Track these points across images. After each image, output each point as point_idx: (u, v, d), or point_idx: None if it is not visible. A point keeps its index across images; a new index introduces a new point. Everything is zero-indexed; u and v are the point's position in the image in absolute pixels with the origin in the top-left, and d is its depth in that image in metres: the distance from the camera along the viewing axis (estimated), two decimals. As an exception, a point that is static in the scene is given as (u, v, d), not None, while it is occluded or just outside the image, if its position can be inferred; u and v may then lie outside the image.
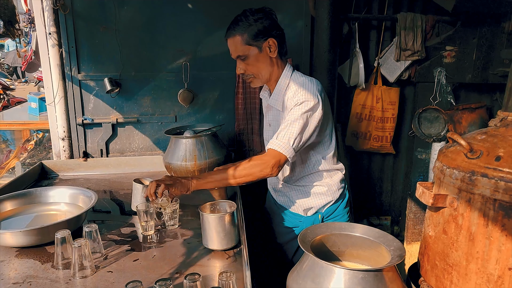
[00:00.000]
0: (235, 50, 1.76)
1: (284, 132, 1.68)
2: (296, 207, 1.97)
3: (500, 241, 1.15)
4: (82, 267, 1.36)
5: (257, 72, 1.80)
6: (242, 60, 1.78)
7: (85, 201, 1.83)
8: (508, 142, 1.20)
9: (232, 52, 1.79)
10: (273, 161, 1.67)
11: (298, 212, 1.97)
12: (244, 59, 1.76)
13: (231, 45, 1.77)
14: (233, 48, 1.77)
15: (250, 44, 1.73)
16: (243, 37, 1.72)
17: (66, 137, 2.66)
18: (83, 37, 2.57)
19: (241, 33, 1.72)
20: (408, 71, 2.85)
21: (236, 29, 1.73)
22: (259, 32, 1.72)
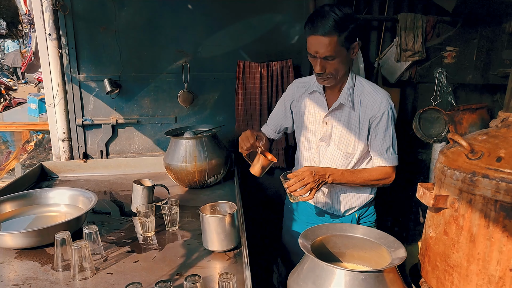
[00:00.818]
0: (327, 49, 1.64)
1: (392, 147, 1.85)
2: (338, 207, 1.97)
3: (501, 242, 1.14)
4: (82, 269, 1.36)
5: (336, 72, 1.74)
6: (327, 60, 1.69)
7: (85, 203, 1.83)
8: (509, 143, 1.20)
9: (322, 50, 1.65)
10: (394, 175, 1.87)
11: (337, 213, 1.98)
12: (332, 59, 1.69)
13: (323, 44, 1.63)
14: (324, 47, 1.64)
15: (343, 45, 1.66)
16: (340, 38, 1.63)
17: (66, 138, 2.66)
18: (83, 38, 2.56)
19: (339, 33, 1.62)
20: (408, 71, 2.84)
21: (334, 27, 1.61)
22: (352, 34, 1.68)
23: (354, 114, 1.82)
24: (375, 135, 1.83)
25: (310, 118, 1.95)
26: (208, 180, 2.28)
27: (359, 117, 1.82)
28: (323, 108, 1.89)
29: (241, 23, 2.69)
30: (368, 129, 1.83)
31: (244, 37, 2.72)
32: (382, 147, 1.83)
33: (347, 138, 1.85)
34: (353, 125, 1.83)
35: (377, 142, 1.83)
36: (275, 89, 2.75)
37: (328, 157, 1.91)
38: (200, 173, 2.22)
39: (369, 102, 1.81)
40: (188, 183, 2.27)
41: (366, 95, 1.82)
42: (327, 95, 1.90)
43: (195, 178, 2.23)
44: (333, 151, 1.88)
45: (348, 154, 1.87)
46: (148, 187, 1.93)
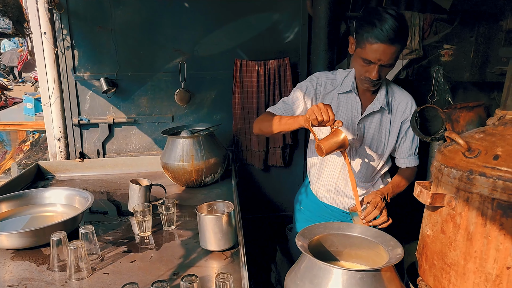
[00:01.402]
0: (391, 58, 1.66)
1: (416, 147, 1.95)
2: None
3: (498, 240, 1.14)
4: (78, 269, 1.35)
5: (384, 78, 1.79)
6: (385, 67, 1.70)
7: (82, 202, 1.82)
8: (506, 141, 1.19)
9: (386, 59, 1.66)
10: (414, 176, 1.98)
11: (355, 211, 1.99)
12: (390, 67, 1.72)
13: (390, 52, 1.64)
14: (389, 56, 1.65)
15: (401, 52, 1.70)
16: (402, 48, 1.68)
17: (62, 137, 2.65)
18: (79, 36, 2.55)
19: (403, 45, 1.67)
20: (406, 70, 2.84)
21: (402, 40, 1.65)
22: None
23: (387, 116, 1.86)
24: (405, 137, 1.90)
25: (341, 118, 1.88)
26: (205, 179, 2.27)
27: (391, 119, 1.87)
28: (357, 109, 1.87)
29: (238, 21, 2.68)
30: (399, 131, 1.89)
31: (241, 35, 2.71)
32: (412, 148, 1.93)
33: (378, 140, 1.89)
34: (385, 127, 1.88)
35: (407, 144, 1.92)
36: (272, 87, 2.74)
37: (359, 158, 1.92)
38: (197, 172, 2.21)
39: (400, 105, 1.87)
40: (185, 182, 2.27)
41: (397, 97, 1.88)
42: (361, 96, 1.88)
43: (192, 177, 2.22)
44: (364, 153, 1.90)
45: (378, 156, 1.91)
46: (145, 186, 1.92)
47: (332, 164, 1.96)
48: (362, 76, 1.74)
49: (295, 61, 2.79)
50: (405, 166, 1.97)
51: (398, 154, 1.96)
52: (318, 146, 1.58)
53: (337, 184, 1.96)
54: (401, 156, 1.96)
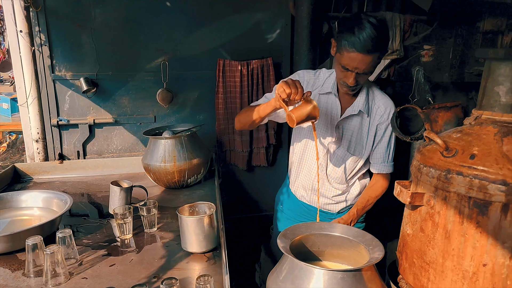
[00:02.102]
0: (368, 66, 1.64)
1: (391, 153, 1.94)
2: (332, 206, 1.99)
3: (474, 238, 1.16)
4: (55, 275, 1.32)
5: (362, 83, 1.78)
6: (362, 75, 1.69)
7: (60, 205, 1.78)
8: (482, 140, 1.21)
9: (363, 67, 1.64)
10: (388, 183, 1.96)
11: (331, 211, 2.01)
12: (367, 74, 1.70)
13: (366, 62, 1.62)
14: (366, 64, 1.63)
15: (379, 60, 1.68)
16: (381, 56, 1.66)
17: (40, 138, 2.59)
18: (57, 35, 2.50)
19: (382, 53, 1.65)
20: (387, 70, 2.87)
21: (379, 48, 1.62)
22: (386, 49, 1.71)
23: (366, 120, 1.86)
24: (380, 140, 1.88)
25: (322, 120, 1.89)
26: (188, 180, 2.25)
27: (369, 123, 1.86)
28: (336, 111, 1.87)
29: (221, 21, 2.67)
30: (375, 135, 1.88)
31: (224, 35, 2.70)
32: (386, 154, 1.91)
33: (357, 143, 1.88)
34: (364, 130, 1.87)
35: (381, 149, 1.90)
36: (256, 87, 2.73)
37: (336, 160, 1.91)
38: (179, 173, 2.19)
39: (379, 109, 1.86)
40: (167, 184, 2.24)
41: (377, 101, 1.87)
42: (340, 97, 1.87)
43: (175, 178, 2.20)
44: (342, 155, 1.89)
45: (356, 158, 1.90)
46: (126, 188, 1.90)
47: (310, 163, 1.96)
48: (341, 80, 1.75)
49: (278, 61, 2.79)
50: (377, 171, 1.95)
51: (372, 159, 1.94)
52: (288, 116, 1.56)
53: (314, 183, 1.96)
54: (374, 162, 1.94)
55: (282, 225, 2.15)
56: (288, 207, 2.11)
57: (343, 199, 1.98)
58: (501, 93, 1.24)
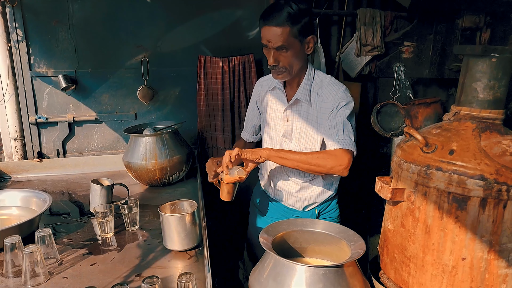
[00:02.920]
0: (279, 39, 1.65)
1: (342, 130, 1.71)
2: (296, 203, 1.97)
3: (454, 233, 1.18)
4: (34, 275, 1.30)
5: (291, 66, 1.74)
6: (280, 52, 1.69)
7: (39, 204, 1.75)
8: (460, 135, 1.23)
9: (274, 41, 1.66)
10: (347, 160, 1.66)
11: (296, 208, 1.98)
12: (285, 51, 1.69)
13: (275, 34, 1.65)
14: (276, 37, 1.65)
15: (296, 37, 1.67)
16: (292, 29, 1.65)
17: (18, 137, 2.53)
18: (34, 31, 2.44)
19: (291, 25, 1.64)
20: (368, 66, 2.89)
21: (287, 19, 1.64)
22: (306, 28, 1.69)
23: (312, 109, 1.82)
24: (328, 124, 1.78)
25: (272, 114, 1.95)
26: (170, 177, 2.23)
27: (317, 111, 1.82)
28: (283, 104, 1.89)
29: (202, 17, 2.65)
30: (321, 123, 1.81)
31: (204, 31, 2.68)
32: (332, 131, 1.74)
33: (306, 133, 1.85)
34: (312, 120, 1.83)
35: (328, 129, 1.77)
36: (237, 84, 2.72)
37: None
38: (161, 171, 2.17)
39: (325, 96, 1.80)
40: (149, 181, 2.22)
41: (324, 89, 1.81)
42: (286, 91, 1.90)
43: (156, 176, 2.18)
44: (294, 147, 1.88)
45: (309, 149, 1.85)
46: (107, 186, 1.87)
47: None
48: (268, 65, 1.78)
49: (260, 57, 2.78)
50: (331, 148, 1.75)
51: (325, 141, 1.80)
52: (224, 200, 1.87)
53: (276, 179, 1.98)
54: (326, 141, 1.79)
55: (251, 219, 2.21)
56: (260, 202, 2.13)
57: (306, 196, 1.95)
58: (479, 89, 1.26)
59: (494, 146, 1.18)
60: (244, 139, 2.17)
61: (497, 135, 1.22)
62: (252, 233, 2.17)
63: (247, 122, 2.15)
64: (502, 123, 1.28)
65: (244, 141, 2.17)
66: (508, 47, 1.24)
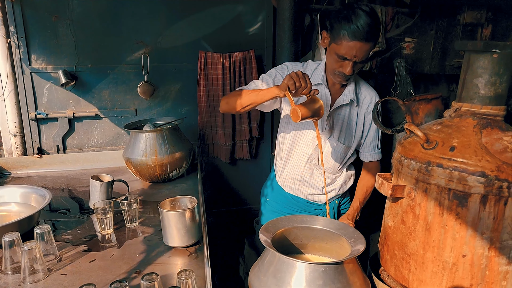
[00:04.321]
0: (366, 55, 1.68)
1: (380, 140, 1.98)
2: (320, 197, 2.00)
3: (454, 230, 1.17)
4: (33, 271, 1.30)
5: (356, 72, 1.81)
6: (360, 63, 1.72)
7: (38, 200, 1.75)
8: (461, 132, 1.22)
9: (361, 56, 1.67)
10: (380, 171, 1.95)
11: (319, 202, 2.02)
12: (363, 62, 1.72)
13: (364, 49, 1.66)
14: (363, 53, 1.67)
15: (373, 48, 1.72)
16: (375, 44, 1.71)
17: (18, 133, 2.53)
18: (33, 27, 2.43)
19: (376, 41, 1.69)
20: (369, 62, 2.88)
21: (376, 34, 1.67)
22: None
23: (355, 110, 1.89)
24: (370, 129, 1.93)
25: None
26: (170, 174, 2.23)
27: (358, 112, 1.90)
28: (327, 102, 1.89)
29: (202, 13, 2.64)
30: (363, 124, 1.92)
31: (205, 27, 2.67)
32: (375, 142, 1.96)
33: (347, 133, 1.91)
34: (353, 120, 1.91)
35: (371, 137, 1.95)
36: (238, 80, 2.71)
37: (328, 150, 1.93)
38: (161, 167, 2.16)
39: (365, 99, 1.90)
40: (149, 178, 2.22)
41: (363, 91, 1.91)
42: (330, 89, 1.89)
43: (156, 172, 2.18)
44: (332, 145, 1.92)
45: (346, 148, 1.94)
46: (107, 182, 1.87)
47: (299, 154, 1.97)
48: (335, 70, 1.76)
49: (260, 53, 2.77)
50: (368, 160, 2.00)
51: (362, 148, 2.00)
52: (294, 111, 1.56)
53: (303, 174, 1.97)
54: (364, 150, 2.00)
55: (266, 218, 2.15)
56: (274, 200, 2.11)
57: (330, 189, 2.00)
58: (480, 85, 1.25)
59: (495, 142, 1.17)
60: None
61: (498, 131, 1.21)
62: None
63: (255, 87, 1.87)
64: (503, 119, 1.27)
65: None
66: (509, 43, 1.23)
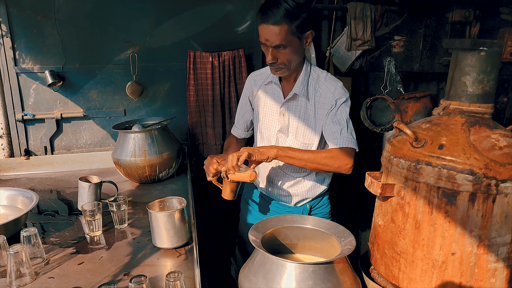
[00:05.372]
0: (278, 38, 1.62)
1: (346, 129, 1.75)
2: (288, 198, 1.96)
3: (443, 228, 1.18)
4: (19, 275, 1.27)
5: (289, 62, 1.72)
6: (278, 49, 1.66)
7: (25, 203, 1.72)
8: (450, 130, 1.23)
9: (272, 39, 1.63)
10: (352, 159, 1.72)
11: (288, 203, 1.97)
12: (283, 49, 1.66)
13: (273, 33, 1.61)
14: (275, 36, 1.62)
15: (294, 34, 1.64)
16: (290, 27, 1.61)
17: (4, 134, 2.49)
18: (19, 26, 2.39)
19: (290, 23, 1.60)
20: (359, 60, 2.88)
21: (285, 17, 1.59)
22: (305, 24, 1.65)
23: (310, 104, 1.81)
24: (328, 120, 1.78)
25: (267, 109, 1.92)
26: (160, 174, 2.21)
27: (315, 106, 1.81)
28: (279, 99, 1.86)
29: (190, 12, 2.62)
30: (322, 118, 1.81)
31: (194, 26, 2.64)
32: (335, 129, 1.76)
33: (304, 129, 1.84)
34: (310, 115, 1.82)
35: (329, 126, 1.78)
36: (227, 79, 2.70)
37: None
38: (150, 167, 2.14)
39: (323, 91, 1.80)
40: (138, 178, 2.20)
41: (321, 84, 1.81)
42: (282, 86, 1.87)
43: (146, 173, 2.16)
44: (291, 143, 1.86)
45: (306, 145, 1.85)
46: (95, 184, 1.85)
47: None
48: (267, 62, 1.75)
49: (250, 52, 2.76)
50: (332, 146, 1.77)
51: (325, 138, 1.82)
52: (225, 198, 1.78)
53: (270, 175, 1.96)
54: (327, 140, 1.80)
55: (242, 215, 2.19)
56: (250, 198, 2.11)
57: (298, 191, 1.94)
58: (468, 83, 1.25)
59: (483, 140, 1.18)
60: (235, 135, 2.12)
61: (486, 129, 1.22)
62: (244, 230, 2.16)
63: (238, 118, 2.10)
64: (491, 117, 1.28)
65: (236, 138, 2.12)
66: (497, 41, 1.24)
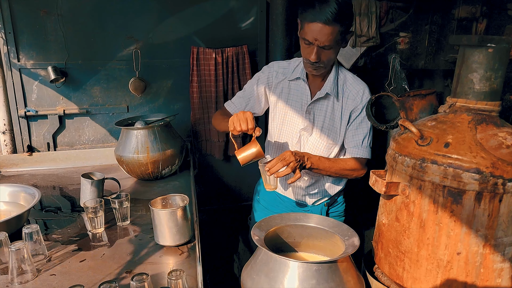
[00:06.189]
0: (328, 39, 1.60)
1: (367, 139, 1.84)
2: (306, 197, 1.95)
3: (449, 227, 1.16)
4: (21, 272, 1.27)
5: (329, 62, 1.72)
6: (324, 49, 1.65)
7: (28, 199, 1.72)
8: (456, 128, 1.20)
9: (322, 39, 1.61)
10: (365, 169, 1.84)
11: (306, 202, 1.96)
12: (329, 49, 1.65)
13: (325, 33, 1.59)
14: (325, 37, 1.60)
15: (342, 35, 1.64)
16: (341, 28, 1.60)
17: (7, 130, 2.48)
18: (22, 22, 2.38)
19: (341, 25, 1.60)
20: (364, 57, 2.86)
21: (338, 19, 1.58)
22: (349, 27, 1.67)
23: (338, 104, 1.81)
24: (353, 125, 1.83)
25: (292, 106, 1.87)
26: (162, 171, 2.20)
27: (342, 107, 1.82)
28: (306, 96, 1.84)
29: (194, 7, 2.60)
30: (348, 120, 1.83)
31: (197, 22, 2.63)
32: (359, 138, 1.82)
33: (329, 129, 1.83)
34: (336, 115, 1.82)
35: (354, 132, 1.83)
36: (231, 75, 2.68)
37: (310, 147, 1.86)
38: (153, 164, 2.13)
39: (351, 93, 1.81)
40: (141, 175, 2.19)
41: (349, 85, 1.82)
42: (310, 83, 1.84)
43: (148, 170, 2.15)
44: (315, 141, 1.85)
45: (330, 145, 1.85)
46: (97, 180, 1.84)
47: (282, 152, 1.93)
48: (304, 58, 1.72)
49: (254, 48, 2.74)
50: (350, 156, 1.86)
51: (347, 143, 1.87)
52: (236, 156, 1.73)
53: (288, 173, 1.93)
54: (349, 145, 1.86)
55: (258, 216, 2.13)
56: (263, 198, 2.09)
57: (316, 190, 1.93)
58: (475, 81, 1.23)
59: (490, 138, 1.16)
60: (230, 111, 2.00)
61: (493, 127, 1.19)
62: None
63: (239, 98, 1.99)
64: (498, 115, 1.26)
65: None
66: (504, 37, 1.21)
